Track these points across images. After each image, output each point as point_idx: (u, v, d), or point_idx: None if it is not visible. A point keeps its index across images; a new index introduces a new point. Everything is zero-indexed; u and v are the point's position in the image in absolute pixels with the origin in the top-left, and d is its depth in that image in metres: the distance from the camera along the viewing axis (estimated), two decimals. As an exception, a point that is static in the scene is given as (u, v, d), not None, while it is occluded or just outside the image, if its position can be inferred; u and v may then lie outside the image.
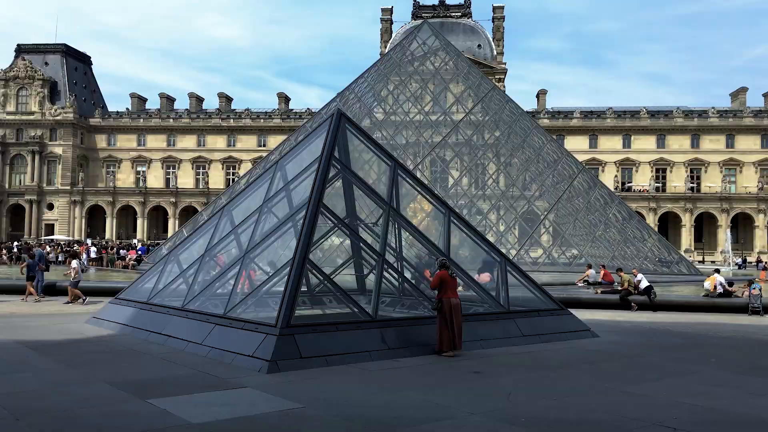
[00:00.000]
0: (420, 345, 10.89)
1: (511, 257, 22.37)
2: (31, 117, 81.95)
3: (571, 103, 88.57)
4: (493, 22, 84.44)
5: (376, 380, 8.94)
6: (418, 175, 31.01)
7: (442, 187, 37.47)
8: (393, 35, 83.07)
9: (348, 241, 14.74)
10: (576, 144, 75.12)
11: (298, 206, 11.96)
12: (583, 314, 14.94)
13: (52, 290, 20.91)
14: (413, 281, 12.81)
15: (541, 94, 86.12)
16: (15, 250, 46.32)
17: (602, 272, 24.64)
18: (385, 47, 79.05)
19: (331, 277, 12.34)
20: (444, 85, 37.29)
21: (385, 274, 12.18)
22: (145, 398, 7.59)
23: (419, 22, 55.83)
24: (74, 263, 20.09)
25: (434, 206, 14.16)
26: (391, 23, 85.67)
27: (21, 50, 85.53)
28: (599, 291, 22.06)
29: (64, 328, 13.52)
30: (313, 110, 75.04)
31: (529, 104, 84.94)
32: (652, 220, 71.71)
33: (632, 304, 19.87)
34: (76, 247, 43.77)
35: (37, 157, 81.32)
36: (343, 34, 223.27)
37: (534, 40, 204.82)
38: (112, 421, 6.74)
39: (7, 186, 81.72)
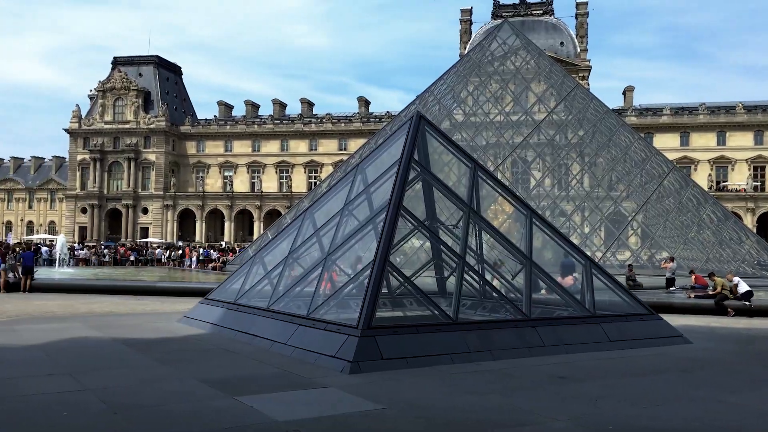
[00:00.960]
0: (502, 348, 10.71)
1: (596, 260, 21.70)
2: (127, 126, 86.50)
3: (660, 100, 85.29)
4: (576, 18, 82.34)
5: (457, 383, 8.87)
6: (499, 176, 30.56)
7: (523, 189, 36.78)
8: (472, 36, 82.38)
9: (428, 244, 14.72)
10: (666, 142, 72.08)
11: (378, 209, 12.03)
12: (674, 319, 14.30)
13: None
14: (494, 284, 12.63)
15: (627, 91, 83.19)
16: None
17: (693, 276, 23.68)
18: (465, 48, 78.51)
19: (412, 279, 12.34)
20: (525, 85, 36.63)
21: (466, 276, 12.07)
22: (232, 395, 7.83)
23: (499, 21, 55.11)
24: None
25: (515, 208, 13.92)
26: (471, 24, 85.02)
27: (117, 62, 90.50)
28: (692, 295, 21.06)
29: (157, 327, 14.16)
30: (392, 113, 75.50)
31: (615, 102, 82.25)
32: (750, 221, 67.90)
33: (728, 309, 18.83)
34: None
35: (132, 164, 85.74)
36: (423, 37, 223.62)
37: (620, 36, 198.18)
38: (202, 417, 6.99)
39: (105, 191, 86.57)
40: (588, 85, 75.27)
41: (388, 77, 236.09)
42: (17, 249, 28.66)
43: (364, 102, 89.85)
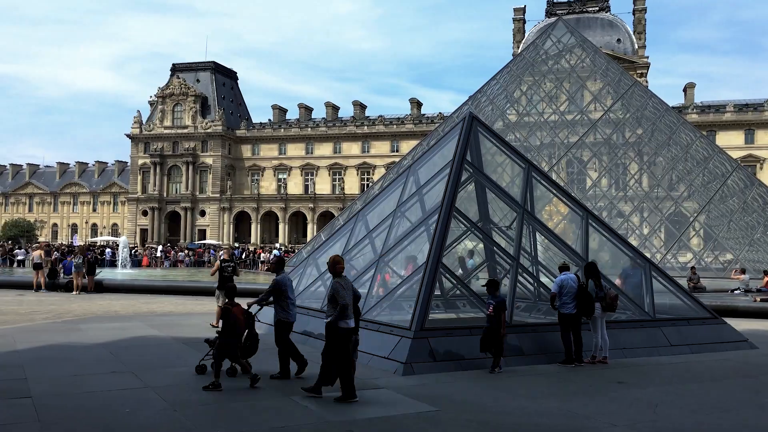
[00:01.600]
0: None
1: (656, 262, 21.10)
2: (185, 130, 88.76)
3: (724, 96, 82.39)
4: (633, 14, 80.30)
5: (511, 386, 8.77)
6: (554, 176, 30.05)
7: (579, 189, 36.02)
8: (526, 35, 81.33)
9: (481, 245, 14.60)
10: (729, 140, 69.46)
11: (430, 210, 12.01)
12: (739, 324, 13.77)
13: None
14: (550, 286, 12.42)
15: (688, 88, 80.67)
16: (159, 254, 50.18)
17: (765, 279, 22.58)
18: (518, 47, 77.57)
19: (465, 281, 12.28)
20: (580, 83, 35.90)
21: (520, 278, 11.92)
22: (288, 395, 7.96)
23: (553, 19, 54.18)
24: None
25: (571, 209, 13.68)
26: (524, 23, 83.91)
27: (175, 69, 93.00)
28: (758, 299, 20.24)
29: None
30: (444, 114, 75.25)
31: (675, 99, 79.92)
32: (821, 221, 64.63)
33: (798, 313, 18.00)
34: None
35: (190, 168, 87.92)
36: (476, 38, 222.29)
37: (680, 31, 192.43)
38: (258, 415, 7.13)
39: (165, 195, 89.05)
40: (646, 82, 73.28)
41: (440, 78, 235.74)
42: (77, 251, 29.77)
43: (416, 103, 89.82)
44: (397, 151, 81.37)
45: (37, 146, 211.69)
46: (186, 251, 51.76)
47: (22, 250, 42.84)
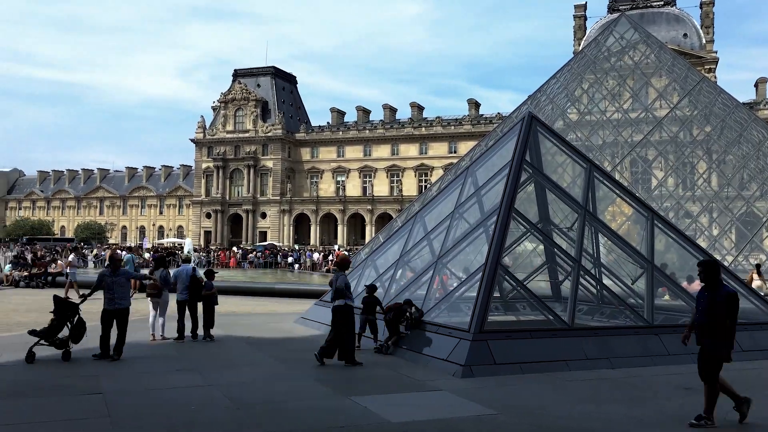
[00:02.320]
0: (622, 356, 10.25)
1: (726, 264, 20.29)
2: (246, 134, 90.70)
3: (799, 91, 78.26)
4: (700, 8, 77.51)
5: (573, 391, 8.59)
6: (617, 176, 29.23)
7: (644, 189, 34.94)
8: (587, 32, 79.63)
9: (541, 247, 14.38)
10: (805, 136, 66.05)
11: (489, 211, 11.90)
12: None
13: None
14: (613, 289, 12.12)
15: (760, 83, 77.25)
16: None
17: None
18: (579, 45, 76.05)
19: (525, 283, 12.11)
20: (645, 80, 34.85)
21: (582, 280, 11.68)
22: (347, 395, 8.02)
23: (616, 15, 52.86)
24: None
25: (635, 209, 13.31)
26: (585, 19, 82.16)
27: (237, 74, 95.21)
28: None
29: (275, 327, 14.74)
30: (503, 115, 74.42)
31: (745, 95, 76.74)
32: None
33: None
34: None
35: (251, 171, 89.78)
36: (535, 36, 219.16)
37: (751, 24, 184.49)
38: (318, 415, 7.20)
39: (227, 197, 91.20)
40: (715, 78, 70.57)
41: (499, 78, 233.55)
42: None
43: (474, 104, 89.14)
44: (454, 152, 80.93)
45: (107, 152, 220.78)
46: (255, 253, 52.95)
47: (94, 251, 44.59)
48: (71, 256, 24.34)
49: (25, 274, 26.66)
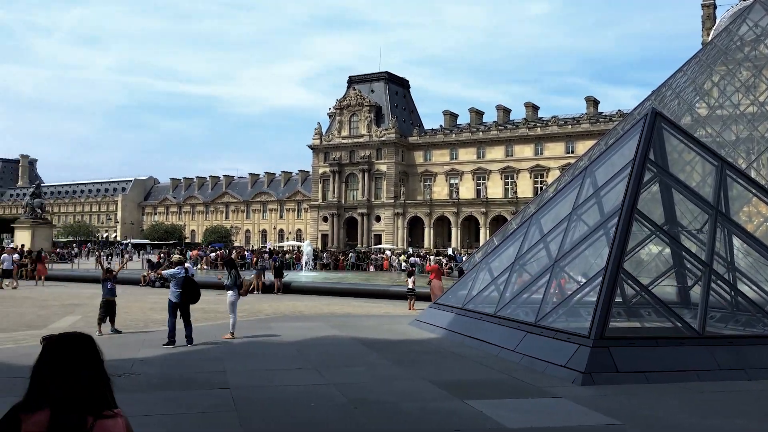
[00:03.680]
0: (760, 368, 9.50)
1: None
2: (361, 139, 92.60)
3: None
4: None
5: (703, 403, 8.06)
6: (753, 174, 27.17)
7: (784, 188, 32.21)
8: (717, 21, 74.60)
9: (667, 250, 13.61)
10: None
11: (609, 213, 11.43)
12: None
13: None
14: (749, 295, 11.26)
15: None
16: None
17: None
18: (708, 35, 71.37)
19: (649, 288, 11.52)
20: (783, 70, 32.19)
21: (713, 285, 10.93)
22: (461, 398, 7.97)
23: (748, 2, 49.14)
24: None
25: (774, 209, 12.29)
26: (714, 8, 77.06)
27: (351, 81, 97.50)
28: None
29: (390, 329, 14.92)
30: (624, 111, 71.19)
31: None
32: None
33: None
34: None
35: (366, 175, 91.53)
36: (660, 28, 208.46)
37: None
38: (432, 417, 7.21)
39: (343, 201, 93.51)
40: None
41: (621, 74, 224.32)
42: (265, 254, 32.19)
43: (593, 102, 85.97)
44: (572, 152, 78.42)
45: (234, 159, 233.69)
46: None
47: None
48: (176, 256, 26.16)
49: (160, 275, 28.66)
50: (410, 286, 20.82)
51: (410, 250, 65.97)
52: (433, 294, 19.22)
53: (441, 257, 47.86)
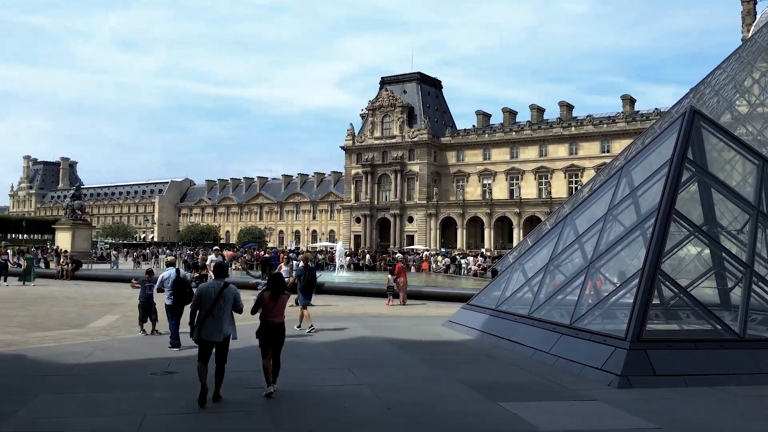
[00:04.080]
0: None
1: None
2: (393, 140, 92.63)
3: None
4: None
5: (744, 407, 7.88)
6: (796, 173, 26.41)
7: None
8: (757, 16, 72.78)
9: (706, 251, 13.32)
10: None
11: (646, 213, 11.24)
12: None
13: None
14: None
15: None
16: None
17: None
18: (748, 31, 69.66)
19: (688, 289, 11.29)
20: (828, 65, 31.25)
21: (755, 287, 10.67)
22: (495, 400, 7.92)
23: (792, -5, 47.82)
24: None
25: (819, 209, 11.92)
26: (755, 3, 75.12)
27: (384, 82, 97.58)
28: None
29: (423, 330, 14.89)
30: (661, 110, 69.95)
31: None
32: None
33: None
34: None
35: (398, 176, 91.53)
36: (699, 25, 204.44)
37: None
38: (466, 419, 7.19)
39: (375, 202, 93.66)
40: None
41: (659, 71, 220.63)
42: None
43: (629, 100, 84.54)
44: (607, 151, 77.25)
45: (268, 161, 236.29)
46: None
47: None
48: (211, 256, 26.71)
49: (196, 275, 29.15)
50: (390, 284, 21.75)
51: (442, 250, 65.72)
52: (400, 290, 21.19)
53: (479, 257, 47.60)
